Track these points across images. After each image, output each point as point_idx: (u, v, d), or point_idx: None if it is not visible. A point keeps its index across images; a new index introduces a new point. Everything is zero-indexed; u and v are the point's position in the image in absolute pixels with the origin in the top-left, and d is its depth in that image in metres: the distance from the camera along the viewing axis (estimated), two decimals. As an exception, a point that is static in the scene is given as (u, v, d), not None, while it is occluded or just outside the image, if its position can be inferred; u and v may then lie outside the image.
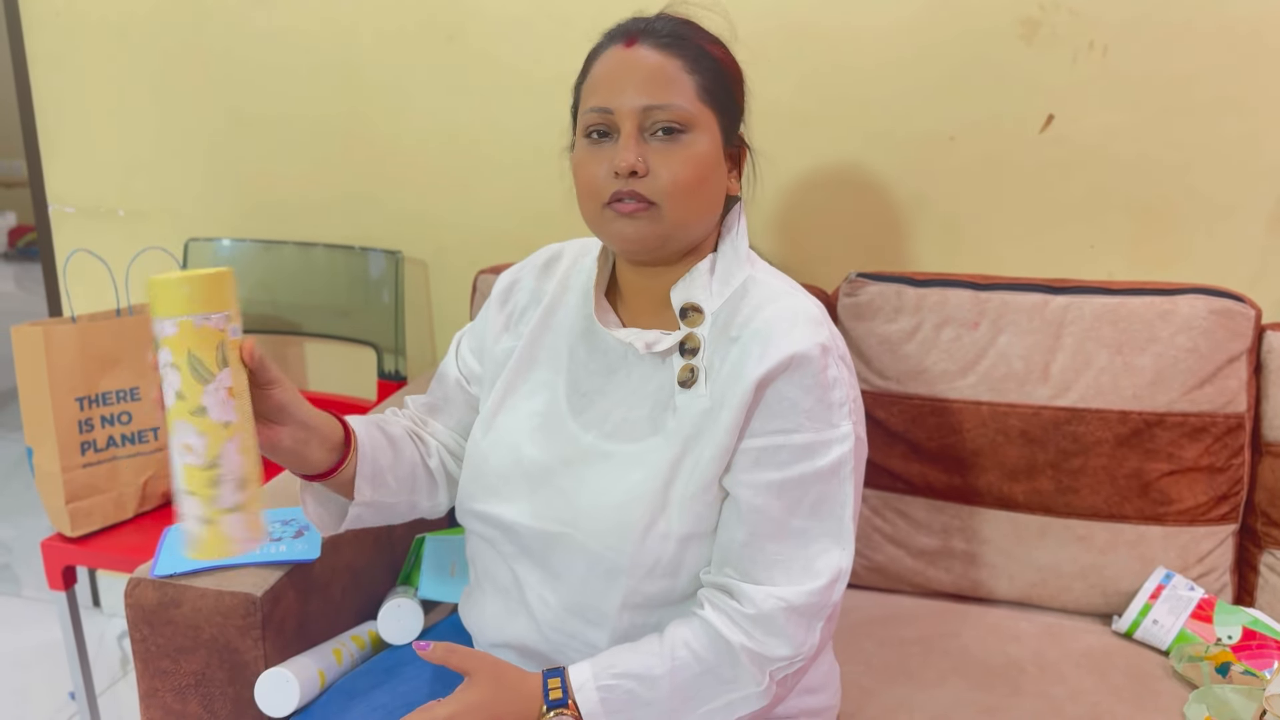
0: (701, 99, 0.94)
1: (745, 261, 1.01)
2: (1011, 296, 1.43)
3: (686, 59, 0.94)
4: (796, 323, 0.94)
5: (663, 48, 0.94)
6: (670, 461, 0.96)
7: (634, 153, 0.92)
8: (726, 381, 0.95)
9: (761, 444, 0.93)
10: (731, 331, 0.97)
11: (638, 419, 1.00)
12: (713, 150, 0.95)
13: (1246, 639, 1.30)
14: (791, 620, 0.92)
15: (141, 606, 1.14)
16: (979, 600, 1.48)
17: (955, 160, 1.59)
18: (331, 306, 1.94)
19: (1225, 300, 1.37)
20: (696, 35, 0.97)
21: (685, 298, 0.99)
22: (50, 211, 2.08)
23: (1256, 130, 1.48)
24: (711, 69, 0.96)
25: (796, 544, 0.93)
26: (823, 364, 0.92)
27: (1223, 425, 1.37)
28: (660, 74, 0.93)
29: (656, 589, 0.98)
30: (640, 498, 0.96)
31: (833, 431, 0.93)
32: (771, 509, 0.93)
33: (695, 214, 0.96)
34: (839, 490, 0.94)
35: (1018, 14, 1.51)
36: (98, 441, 1.65)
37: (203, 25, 1.88)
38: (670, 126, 0.93)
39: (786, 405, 0.92)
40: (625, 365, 1.02)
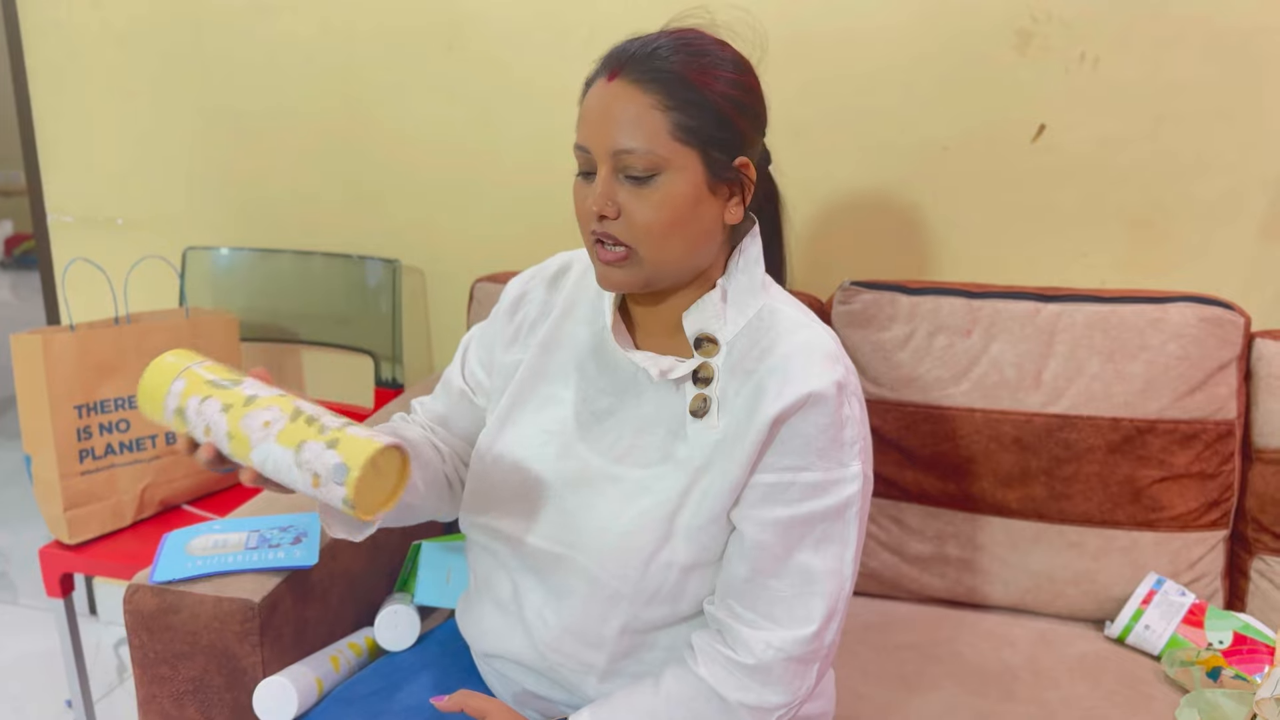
0: (677, 138, 0.90)
1: (760, 288, 0.99)
2: (1004, 304, 1.44)
3: (664, 95, 0.90)
4: (814, 359, 0.92)
5: (641, 83, 0.90)
6: (679, 491, 0.96)
7: (604, 197, 0.91)
8: (741, 415, 0.93)
9: (771, 480, 0.92)
10: (748, 364, 0.95)
11: (648, 445, 0.99)
12: (690, 189, 0.91)
13: (1237, 644, 1.31)
14: (789, 669, 0.92)
15: (140, 612, 1.14)
16: (973, 606, 1.49)
17: (949, 169, 1.61)
18: (329, 314, 1.95)
19: (1215, 308, 1.38)
20: (684, 64, 0.91)
21: (699, 327, 0.97)
22: (49, 220, 2.09)
23: (1246, 140, 1.49)
24: (695, 103, 0.90)
25: (797, 583, 0.92)
26: (838, 402, 0.91)
27: (1213, 432, 1.38)
28: (633, 115, 0.90)
29: (658, 614, 0.98)
30: (646, 526, 0.96)
31: (843, 471, 0.92)
32: (775, 545, 0.92)
33: (676, 254, 0.94)
34: (844, 530, 0.93)
35: (1011, 25, 1.53)
36: (96, 449, 1.65)
37: (201, 35, 1.90)
38: (638, 173, 0.90)
39: (799, 443, 0.91)
40: (636, 387, 1.01)
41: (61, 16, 1.96)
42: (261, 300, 1.98)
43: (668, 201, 0.91)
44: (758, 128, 0.97)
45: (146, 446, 1.71)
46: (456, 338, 1.90)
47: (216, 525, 1.27)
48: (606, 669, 1.00)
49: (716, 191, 0.94)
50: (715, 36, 0.97)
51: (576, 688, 1.03)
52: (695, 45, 0.93)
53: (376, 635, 1.23)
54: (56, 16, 1.96)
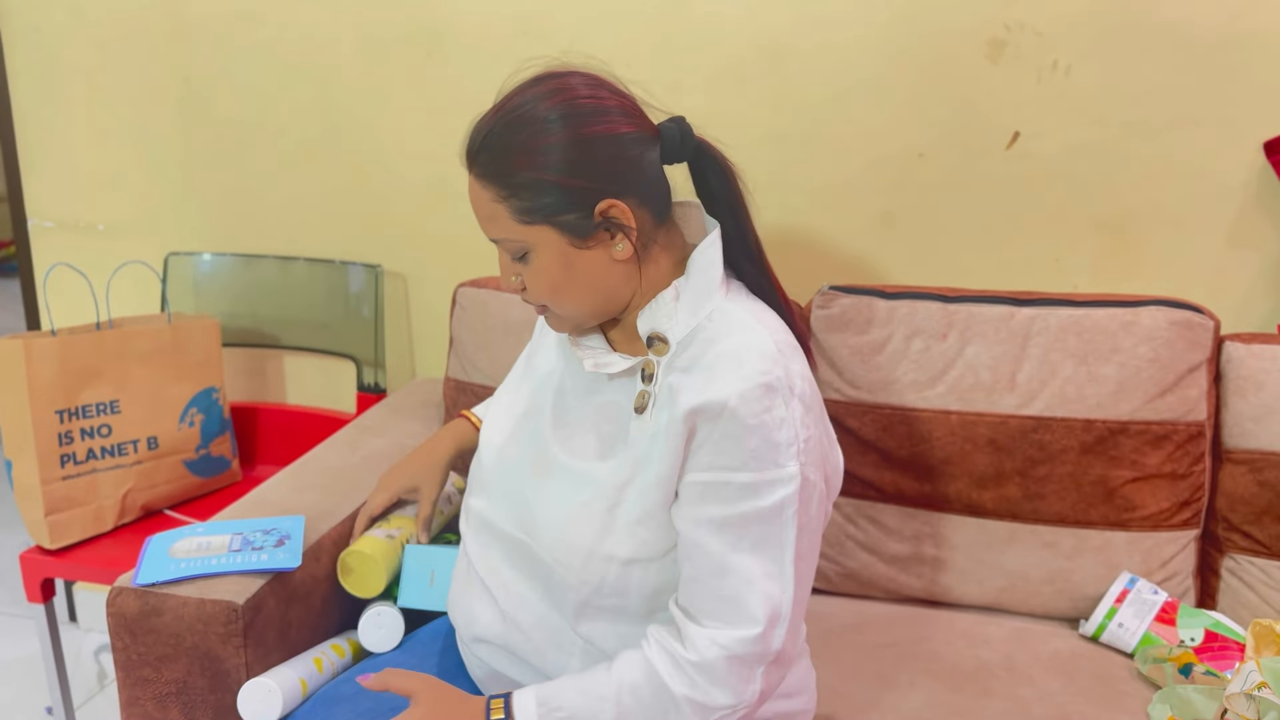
0: (523, 221, 0.94)
1: (717, 289, 0.99)
2: (979, 308, 1.46)
3: (498, 187, 0.94)
4: (746, 359, 0.92)
5: (481, 178, 0.95)
6: (617, 485, 0.98)
7: (505, 276, 1.01)
8: (669, 411, 0.95)
9: (706, 479, 0.93)
10: (683, 361, 0.97)
11: (598, 437, 1.02)
12: (556, 260, 0.95)
13: (1209, 641, 1.33)
14: (733, 669, 0.92)
15: (123, 615, 1.14)
16: (949, 605, 1.51)
17: (924, 176, 1.63)
18: (311, 320, 1.96)
19: (1185, 312, 1.41)
20: (508, 149, 0.93)
21: (651, 327, 1.00)
22: (30, 226, 2.08)
23: (1214, 147, 1.52)
24: (525, 185, 0.92)
25: (736, 585, 0.92)
26: (766, 404, 0.90)
27: (1184, 433, 1.41)
28: (484, 210, 0.96)
29: (607, 605, 1.00)
30: (586, 517, 0.98)
31: (778, 472, 0.91)
32: (711, 545, 0.93)
33: (577, 305, 0.99)
34: (780, 532, 0.92)
35: (984, 35, 1.55)
36: (77, 454, 1.65)
37: (183, 40, 1.90)
38: (514, 254, 0.97)
39: (729, 443, 0.91)
40: (600, 379, 1.04)
41: (42, 21, 1.95)
42: (244, 305, 1.98)
43: (542, 273, 0.97)
44: (611, 165, 0.94)
45: (128, 451, 1.71)
46: (439, 342, 1.91)
47: (200, 528, 1.27)
48: (584, 653, 1.03)
49: (589, 245, 0.95)
50: (549, 84, 0.95)
51: (556, 673, 1.04)
52: (518, 117, 0.93)
53: (360, 637, 1.24)
54: (36, 21, 1.96)
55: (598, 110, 0.94)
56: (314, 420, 1.95)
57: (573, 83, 0.95)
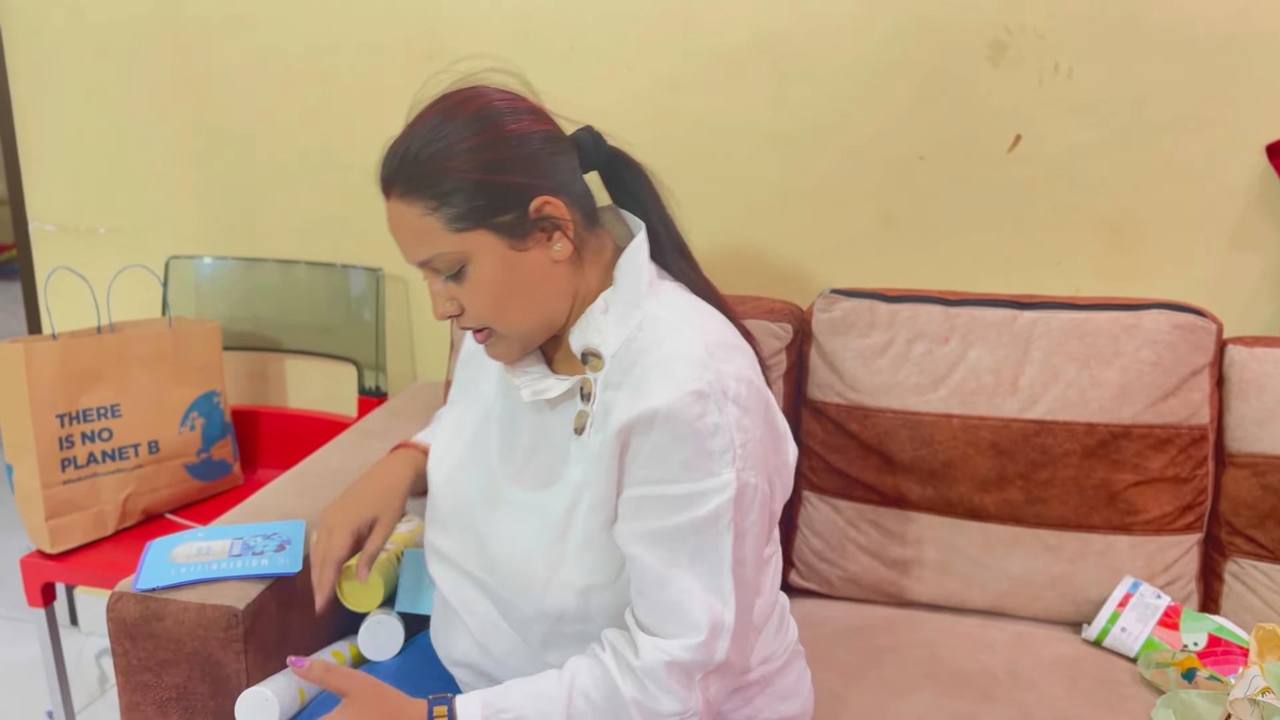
0: (458, 229, 0.91)
1: (646, 296, 0.96)
2: (981, 312, 1.46)
3: (427, 197, 0.91)
4: (674, 369, 0.89)
5: (404, 196, 0.92)
6: (563, 511, 0.96)
7: (439, 302, 0.96)
8: (603, 428, 0.93)
9: (641, 493, 0.91)
10: (615, 377, 0.94)
11: (541, 465, 1.00)
12: (498, 263, 0.92)
13: (1212, 645, 1.33)
14: (673, 675, 0.90)
15: (124, 620, 1.14)
16: (952, 609, 1.50)
17: (925, 179, 1.63)
18: (313, 323, 1.96)
19: (1188, 315, 1.41)
20: (428, 160, 0.91)
21: (584, 343, 0.97)
22: (31, 229, 2.08)
23: (1216, 149, 1.52)
24: (459, 190, 0.90)
25: (677, 596, 0.91)
26: (697, 412, 0.88)
27: (1187, 437, 1.40)
28: (411, 229, 0.93)
29: (571, 631, 0.98)
30: (537, 550, 0.97)
31: (711, 481, 0.89)
32: (649, 558, 0.91)
33: (527, 318, 0.96)
34: (716, 541, 0.90)
35: (985, 37, 1.55)
36: (78, 458, 1.65)
37: (184, 43, 1.90)
38: (447, 274, 0.94)
39: (661, 455, 0.89)
40: (537, 403, 1.01)
41: (43, 25, 1.96)
42: (245, 309, 1.98)
43: (484, 285, 0.93)
44: (537, 162, 0.93)
45: (129, 455, 1.71)
46: (439, 346, 1.91)
47: (200, 533, 1.27)
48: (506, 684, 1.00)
49: (527, 246, 0.93)
50: (460, 95, 0.95)
51: None
52: (432, 130, 0.93)
53: (360, 644, 1.23)
54: (37, 25, 1.96)
55: (515, 110, 0.94)
56: (315, 424, 1.95)
57: (483, 90, 0.95)
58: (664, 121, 1.68)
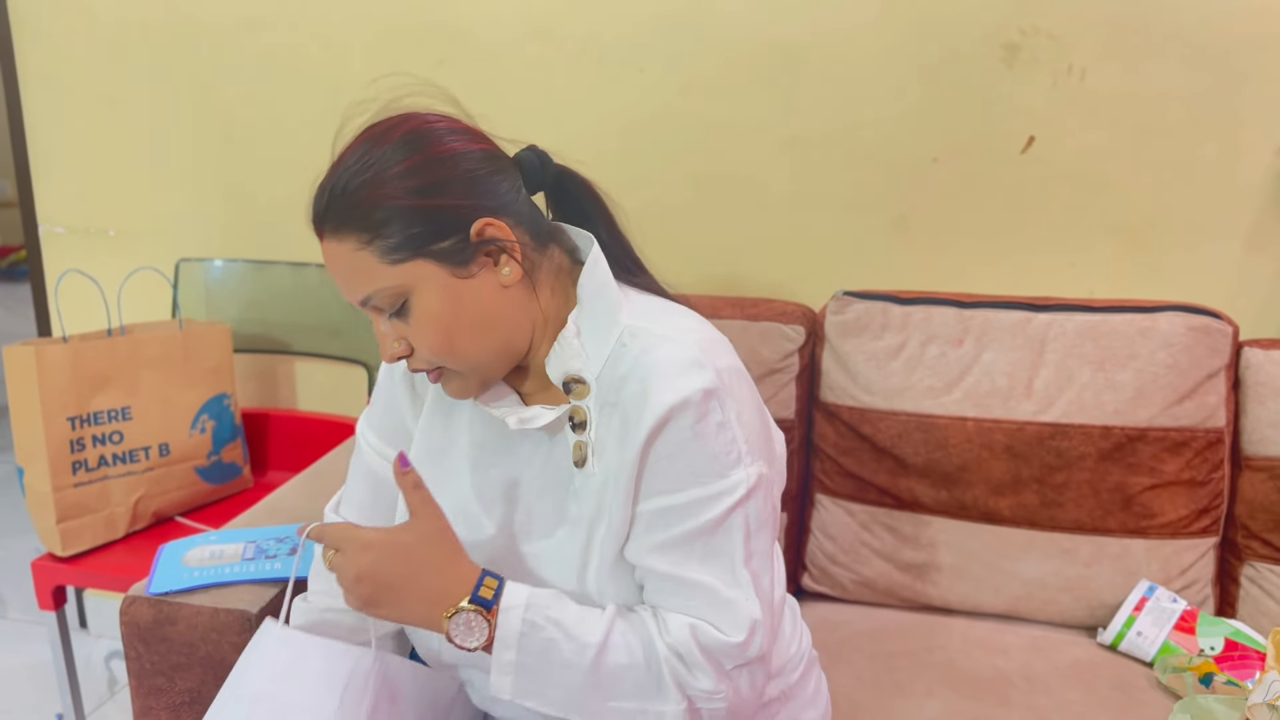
0: (395, 260, 0.86)
1: (616, 310, 0.92)
2: (995, 314, 1.45)
3: (359, 230, 0.86)
4: (667, 374, 0.86)
5: (336, 232, 0.88)
6: (580, 550, 0.93)
7: (387, 344, 0.91)
8: (614, 453, 0.89)
9: (651, 508, 0.89)
10: (611, 396, 0.90)
11: (543, 511, 0.96)
12: (441, 295, 0.88)
13: (1229, 650, 1.32)
14: (707, 656, 0.87)
15: (136, 624, 1.14)
16: (966, 613, 1.50)
17: (939, 181, 1.62)
18: (322, 325, 1.96)
19: (1203, 317, 1.40)
20: (355, 192, 0.87)
21: (563, 371, 0.93)
22: (40, 232, 2.09)
23: (1231, 150, 1.51)
24: (393, 218, 0.86)
25: (702, 602, 0.88)
26: (701, 412, 0.86)
27: (1203, 440, 1.40)
28: (347, 267, 0.88)
29: None
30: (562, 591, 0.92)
31: (720, 483, 0.87)
32: (662, 565, 0.89)
33: (479, 350, 0.91)
34: (725, 541, 0.88)
35: (999, 39, 1.54)
36: (89, 461, 1.65)
37: (194, 45, 1.90)
38: (390, 310, 0.89)
39: (665, 464, 0.87)
40: (524, 444, 0.97)
41: (53, 26, 1.96)
42: (255, 311, 1.98)
43: (429, 319, 0.88)
44: (473, 182, 0.89)
45: (140, 458, 1.71)
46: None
47: (213, 536, 1.27)
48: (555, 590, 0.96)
49: (472, 272, 0.89)
50: (386, 121, 0.91)
51: None
52: (359, 160, 0.89)
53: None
54: (48, 27, 1.96)
55: (449, 130, 0.91)
56: (325, 426, 1.95)
57: (412, 114, 0.91)
58: (676, 123, 1.67)
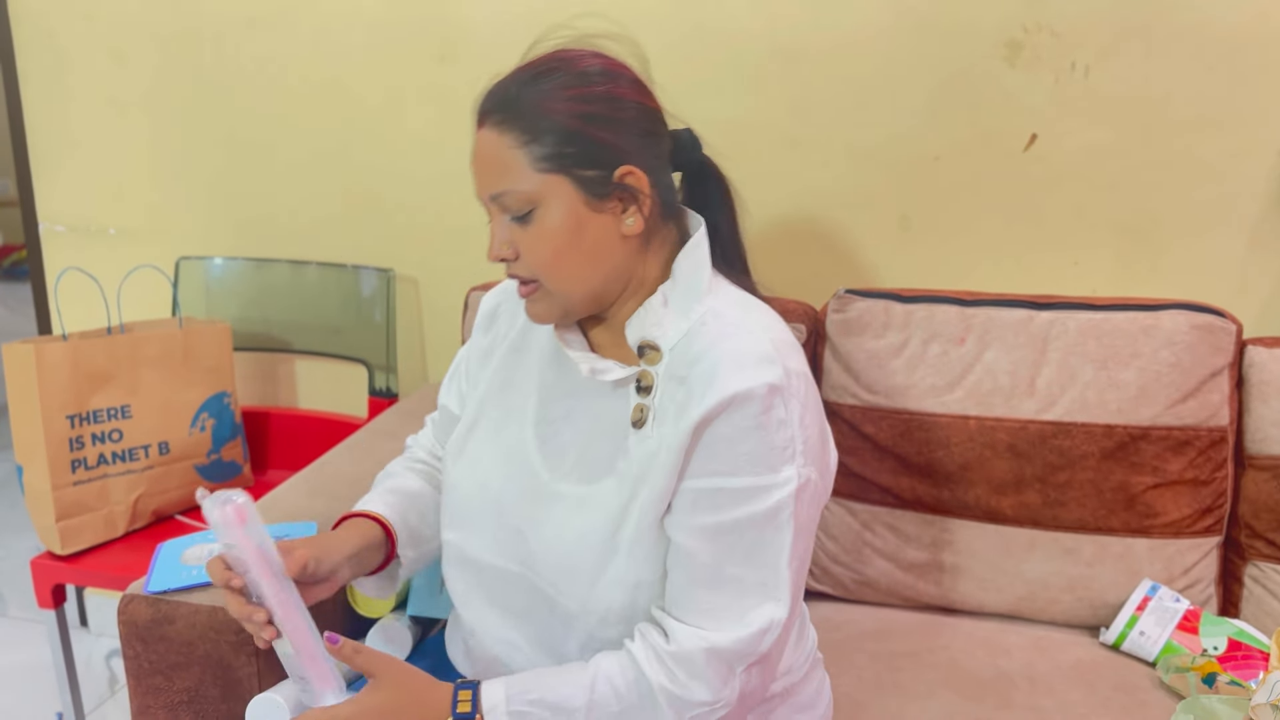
0: (541, 169, 0.91)
1: (705, 292, 0.96)
2: (997, 312, 1.44)
3: (518, 131, 0.91)
4: (743, 362, 0.89)
5: (498, 125, 0.92)
6: (619, 506, 0.94)
7: (498, 243, 0.95)
8: (671, 422, 0.92)
9: (699, 485, 0.90)
10: (680, 370, 0.93)
11: (593, 458, 0.98)
12: (568, 215, 0.92)
13: (1232, 650, 1.31)
14: (712, 663, 0.89)
15: (135, 623, 1.13)
16: (968, 613, 1.49)
17: (941, 179, 1.61)
18: (323, 324, 1.95)
19: (1207, 315, 1.39)
20: (531, 95, 0.92)
21: (641, 334, 0.96)
22: (41, 230, 2.08)
23: (1235, 148, 1.50)
24: (551, 130, 0.90)
25: (729, 593, 0.90)
26: (766, 404, 0.88)
27: (1206, 439, 1.39)
28: (495, 158, 0.92)
29: (613, 634, 0.96)
30: (589, 544, 0.94)
31: (773, 477, 0.89)
32: (704, 554, 0.90)
33: (576, 279, 0.94)
34: (775, 538, 0.90)
35: (1001, 36, 1.54)
36: (88, 459, 1.65)
37: (194, 44, 1.90)
38: (516, 213, 0.93)
39: (724, 447, 0.89)
40: (588, 393, 1.00)
41: (54, 26, 1.95)
42: (255, 310, 1.98)
43: (546, 235, 0.92)
44: (635, 132, 0.94)
45: (139, 456, 1.71)
46: (451, 347, 1.90)
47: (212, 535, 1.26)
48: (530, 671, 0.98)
49: (602, 209, 0.93)
50: (578, 50, 0.96)
51: None
52: (547, 69, 0.94)
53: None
54: (49, 26, 1.96)
55: (630, 81, 0.96)
56: (325, 425, 1.95)
57: (600, 52, 0.97)
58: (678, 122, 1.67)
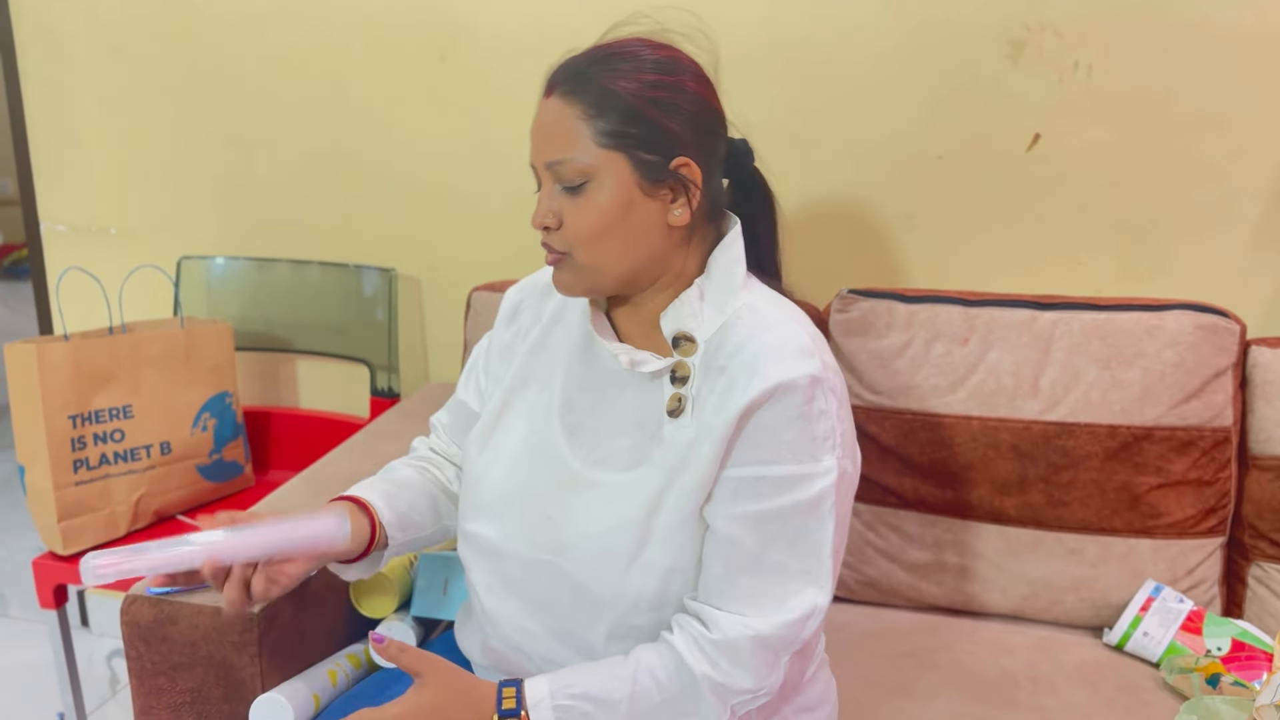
0: (600, 143, 0.92)
1: (741, 287, 0.99)
2: (1000, 312, 1.44)
3: (587, 103, 0.93)
4: (785, 353, 0.92)
5: (567, 95, 0.94)
6: (655, 493, 0.95)
7: (544, 209, 0.95)
8: (711, 412, 0.93)
9: (741, 474, 0.92)
10: (720, 360, 0.95)
11: (625, 447, 0.99)
12: (620, 193, 0.93)
13: (1236, 650, 1.31)
14: (757, 651, 0.91)
15: (137, 623, 1.13)
16: (972, 614, 1.49)
17: (944, 179, 1.61)
18: (325, 324, 1.95)
19: (1211, 315, 1.39)
20: (607, 72, 0.94)
21: (676, 326, 0.98)
22: (42, 229, 2.08)
23: (1239, 147, 1.50)
24: (618, 108, 0.92)
25: (772, 580, 0.92)
26: (808, 395, 0.90)
27: (1210, 439, 1.39)
28: (559, 127, 0.94)
29: (643, 621, 0.97)
30: (624, 529, 0.95)
31: (815, 465, 0.91)
32: (747, 541, 0.92)
33: (612, 260, 0.95)
34: (818, 526, 0.92)
35: (1003, 35, 1.53)
36: (90, 459, 1.65)
37: (196, 43, 1.89)
38: (569, 183, 0.93)
39: (767, 435, 0.91)
40: (617, 384, 1.01)
41: (54, 24, 1.95)
42: (256, 310, 1.97)
43: (594, 210, 0.93)
44: (697, 127, 0.96)
45: (141, 457, 1.71)
46: (453, 347, 1.90)
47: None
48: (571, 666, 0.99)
49: (653, 194, 0.94)
50: (655, 41, 0.99)
51: None
52: (623, 52, 0.96)
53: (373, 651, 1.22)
54: (50, 25, 1.95)
55: (704, 79, 0.98)
56: (327, 425, 1.94)
57: (678, 48, 0.99)
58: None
